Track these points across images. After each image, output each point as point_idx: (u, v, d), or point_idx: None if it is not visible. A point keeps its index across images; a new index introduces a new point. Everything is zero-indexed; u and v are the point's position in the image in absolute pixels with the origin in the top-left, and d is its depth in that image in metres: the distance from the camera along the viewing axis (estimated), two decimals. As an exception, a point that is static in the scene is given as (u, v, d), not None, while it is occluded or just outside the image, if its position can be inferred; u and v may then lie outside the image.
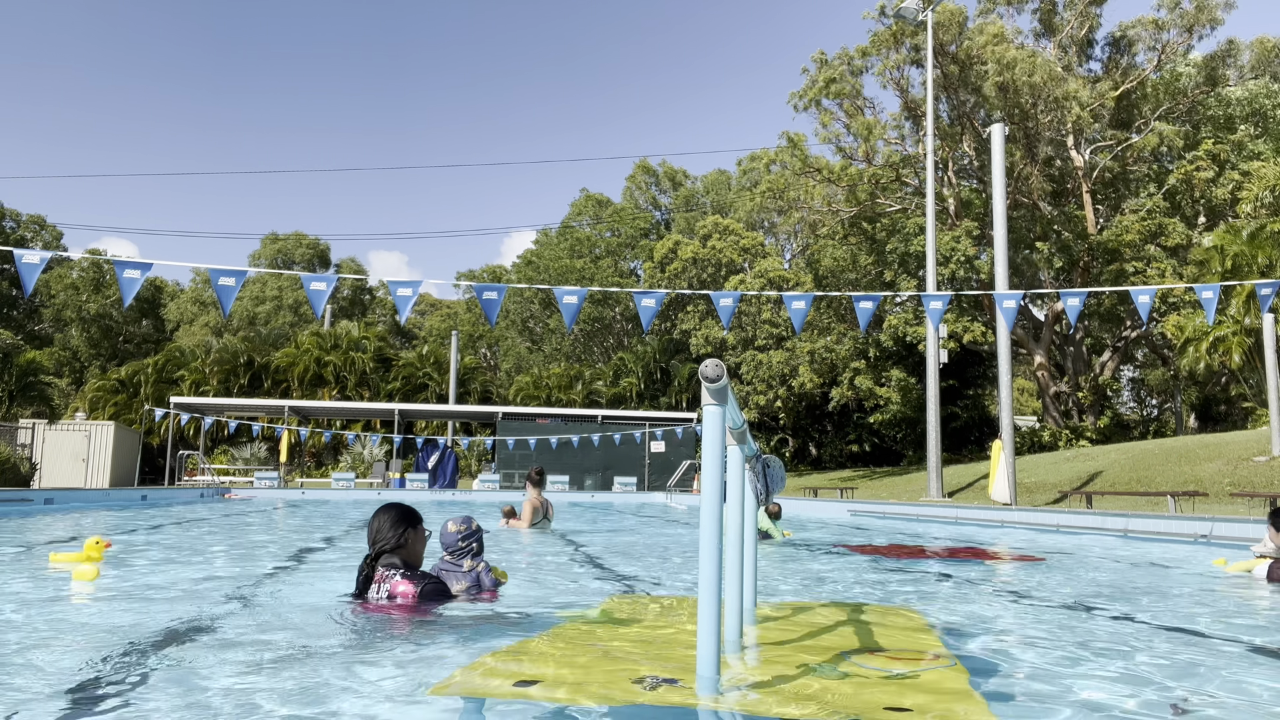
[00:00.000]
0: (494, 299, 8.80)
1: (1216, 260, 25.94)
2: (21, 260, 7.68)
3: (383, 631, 3.46)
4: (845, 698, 2.43)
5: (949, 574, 6.22)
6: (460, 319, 65.93)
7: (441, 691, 2.49)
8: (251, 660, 2.85)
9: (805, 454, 43.76)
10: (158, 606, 4.07)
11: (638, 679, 2.59)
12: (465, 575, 4.35)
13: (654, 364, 46.45)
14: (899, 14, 23.75)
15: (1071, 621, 4.05)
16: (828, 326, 35.31)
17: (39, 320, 60.72)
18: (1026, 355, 36.04)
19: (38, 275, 7.76)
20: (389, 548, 3.98)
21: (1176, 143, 30.77)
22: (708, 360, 2.43)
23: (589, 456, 31.00)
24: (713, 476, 2.49)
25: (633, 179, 63.42)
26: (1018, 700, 2.50)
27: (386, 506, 4.12)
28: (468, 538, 4.43)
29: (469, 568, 4.38)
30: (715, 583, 2.44)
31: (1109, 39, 33.91)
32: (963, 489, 23.07)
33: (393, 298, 8.44)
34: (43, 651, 3.00)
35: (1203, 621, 4.13)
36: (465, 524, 4.46)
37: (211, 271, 8.20)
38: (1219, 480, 16.45)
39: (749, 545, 3.72)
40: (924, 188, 28.79)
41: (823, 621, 3.82)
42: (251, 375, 45.90)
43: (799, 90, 32.34)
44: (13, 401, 38.91)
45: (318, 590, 4.76)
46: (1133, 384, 50.65)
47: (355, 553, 7.24)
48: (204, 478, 31.38)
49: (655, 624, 3.66)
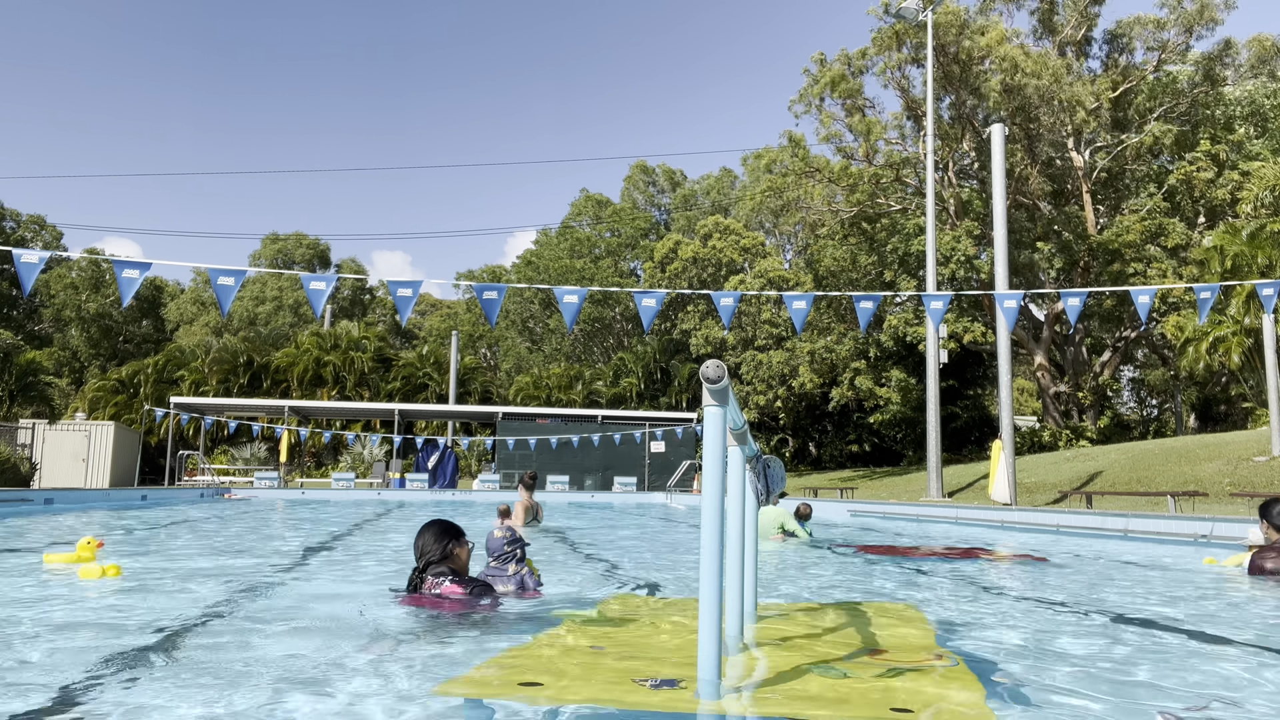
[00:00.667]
0: (494, 299, 8.81)
1: (1216, 260, 25.94)
2: (20, 260, 7.70)
3: (390, 631, 3.47)
4: (848, 698, 2.44)
5: (949, 574, 6.22)
6: (460, 319, 65.94)
7: (447, 691, 2.50)
8: (262, 656, 2.86)
9: (805, 454, 43.76)
10: (167, 601, 4.07)
11: (640, 680, 2.60)
12: (510, 579, 4.61)
13: (654, 364, 46.45)
14: (899, 14, 23.75)
15: (1072, 621, 4.06)
16: (828, 326, 35.31)
17: (39, 320, 60.73)
18: (1026, 355, 36.05)
19: (36, 275, 7.78)
20: (435, 559, 4.20)
21: (1171, 142, 30.77)
22: (709, 361, 2.44)
23: (589, 456, 31.00)
24: (713, 477, 2.49)
25: (630, 179, 63.44)
26: (1018, 698, 2.50)
27: (430, 523, 4.35)
28: (512, 543, 4.69)
29: (513, 571, 4.64)
30: (716, 583, 2.45)
31: (1107, 37, 33.90)
32: (963, 489, 23.08)
33: (393, 298, 8.45)
34: (62, 645, 3.00)
35: (1202, 619, 4.14)
36: (509, 531, 4.77)
37: (211, 271, 8.19)
38: (1219, 480, 16.46)
39: (749, 546, 3.72)
40: (924, 188, 28.79)
41: (824, 621, 3.83)
42: (251, 375, 45.91)
43: (800, 91, 32.36)
44: (13, 401, 38.91)
45: (326, 588, 4.77)
46: (1133, 384, 50.66)
47: (363, 552, 7.25)
48: (204, 478, 31.38)
49: (657, 624, 3.67)
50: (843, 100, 31.68)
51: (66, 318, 58.61)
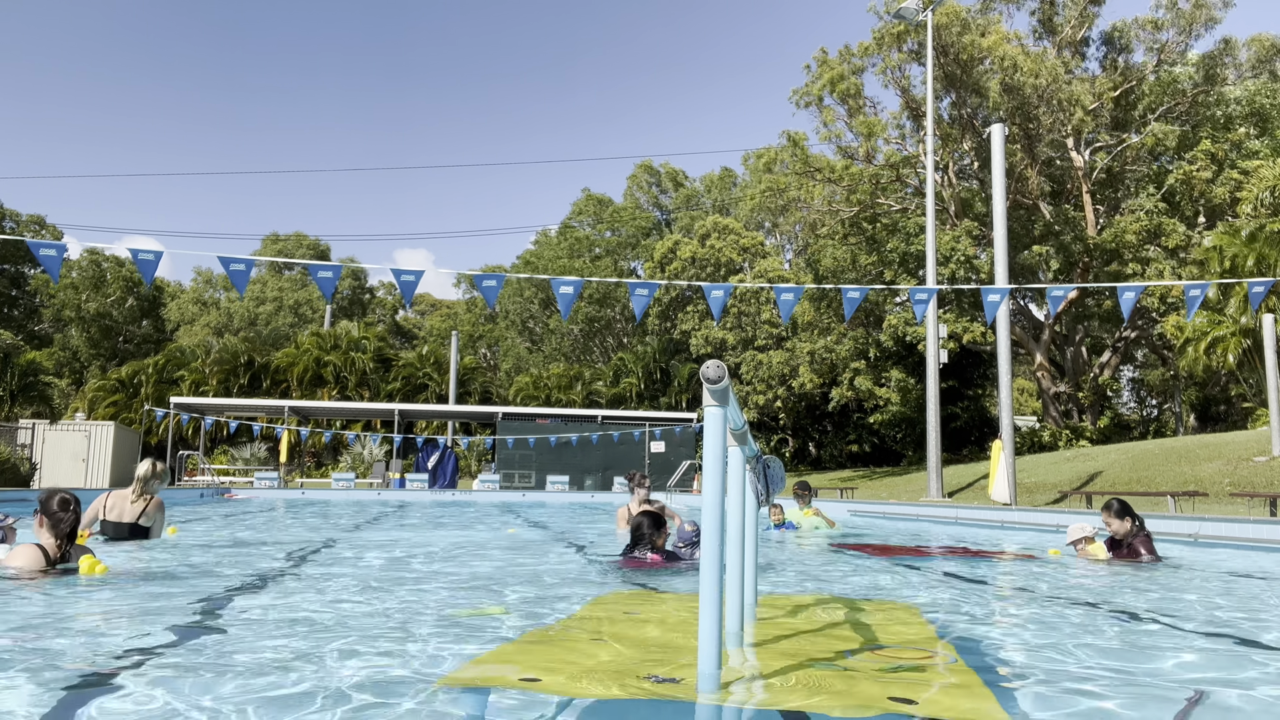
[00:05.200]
0: (493, 286, 9.33)
1: (1215, 261, 25.95)
2: (40, 252, 8.27)
3: (395, 623, 3.49)
4: (846, 690, 2.46)
5: (948, 572, 6.25)
6: (460, 319, 65.96)
7: (451, 682, 2.53)
8: (266, 645, 2.88)
9: (805, 454, 43.78)
10: (169, 592, 4.10)
11: (641, 675, 2.62)
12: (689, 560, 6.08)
13: (654, 364, 46.47)
14: (899, 14, 23.76)
15: (1071, 618, 4.08)
16: (828, 327, 35.33)
17: (39, 320, 60.75)
18: (1026, 355, 36.07)
19: (60, 263, 8.37)
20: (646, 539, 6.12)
21: (1172, 143, 30.79)
22: (709, 362, 2.46)
23: (589, 457, 31.00)
24: (714, 477, 2.51)
25: (634, 179, 63.42)
26: (1019, 695, 2.52)
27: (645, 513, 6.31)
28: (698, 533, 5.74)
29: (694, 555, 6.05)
30: (717, 580, 2.47)
31: (1105, 37, 33.90)
32: (963, 489, 23.10)
33: (397, 283, 8.89)
34: (73, 638, 3.02)
35: (1197, 617, 4.16)
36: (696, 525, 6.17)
37: (222, 259, 8.75)
38: (1219, 480, 16.48)
39: (749, 544, 3.75)
40: (924, 187, 28.82)
41: (824, 618, 3.85)
42: (251, 375, 45.94)
43: (801, 87, 32.35)
44: (13, 401, 38.92)
45: (331, 585, 4.79)
46: (1133, 384, 50.69)
47: (356, 546, 7.26)
48: (204, 478, 31.39)
49: (658, 620, 3.69)
50: (844, 98, 31.69)
51: (66, 318, 58.62)
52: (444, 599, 4.45)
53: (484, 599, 4.46)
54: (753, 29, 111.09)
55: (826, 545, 8.64)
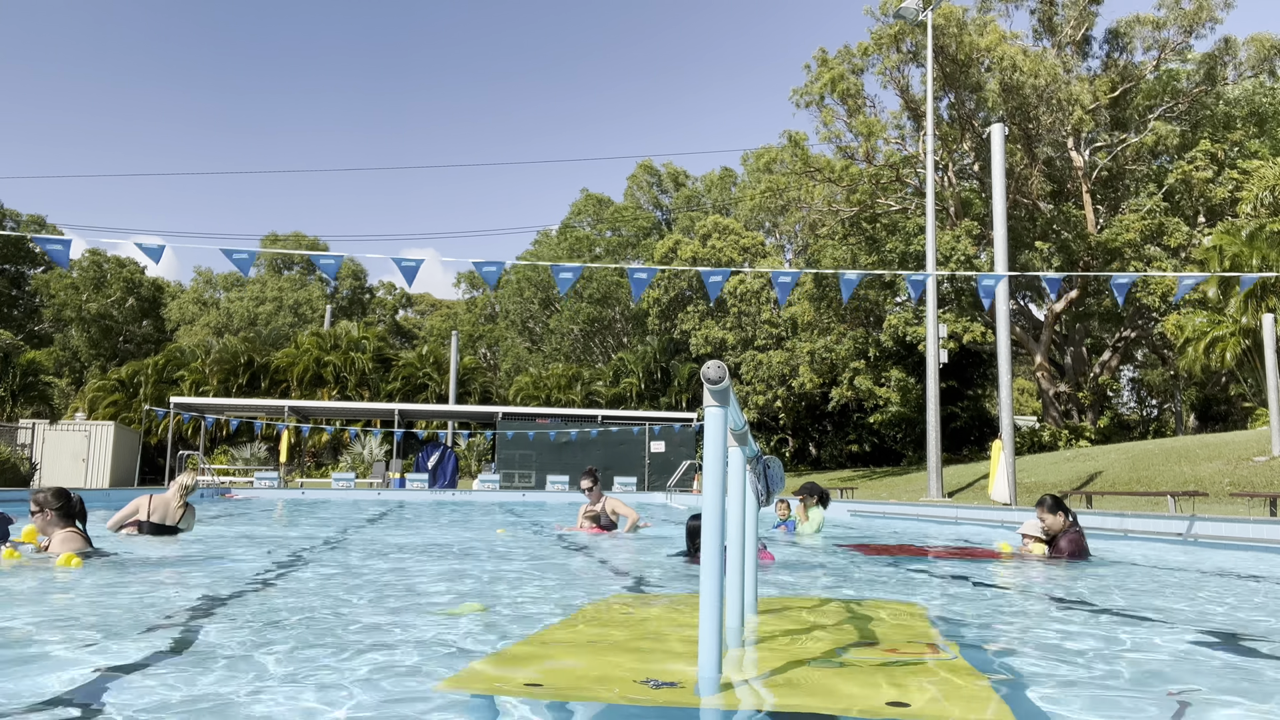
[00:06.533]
0: (494, 270, 9.95)
1: (1216, 261, 25.95)
2: (46, 246, 8.69)
3: (397, 625, 3.49)
4: (847, 690, 2.45)
5: (948, 572, 6.25)
6: (460, 319, 65.95)
7: (451, 686, 2.52)
8: (266, 643, 2.87)
9: (805, 454, 43.77)
10: (169, 593, 4.09)
11: (641, 679, 2.61)
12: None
13: (654, 364, 46.46)
14: (899, 14, 23.74)
15: (1071, 617, 4.07)
16: (828, 327, 35.32)
17: (39, 320, 60.72)
18: (1026, 355, 36.07)
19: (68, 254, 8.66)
20: None
21: (1173, 142, 30.78)
22: (710, 362, 2.45)
23: (589, 456, 30.99)
24: (714, 477, 2.51)
25: (634, 179, 63.37)
26: (1022, 695, 2.52)
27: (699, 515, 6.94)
28: None
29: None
30: (717, 580, 2.46)
31: (1106, 37, 33.89)
32: (963, 489, 23.10)
33: (399, 269, 9.36)
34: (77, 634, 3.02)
35: (1196, 615, 4.16)
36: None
37: (224, 250, 9.16)
38: (1219, 480, 16.47)
39: (749, 544, 3.74)
40: (924, 187, 28.81)
41: (824, 618, 3.85)
42: (251, 375, 45.91)
43: (801, 86, 32.33)
44: (13, 401, 38.91)
45: (332, 585, 4.78)
46: (1133, 384, 50.69)
47: (356, 547, 7.26)
48: (204, 478, 31.39)
49: (658, 622, 3.68)
50: (843, 100, 31.69)
51: (66, 318, 58.60)
52: (443, 601, 4.44)
53: (474, 599, 4.46)
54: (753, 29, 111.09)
55: (826, 546, 8.63)
